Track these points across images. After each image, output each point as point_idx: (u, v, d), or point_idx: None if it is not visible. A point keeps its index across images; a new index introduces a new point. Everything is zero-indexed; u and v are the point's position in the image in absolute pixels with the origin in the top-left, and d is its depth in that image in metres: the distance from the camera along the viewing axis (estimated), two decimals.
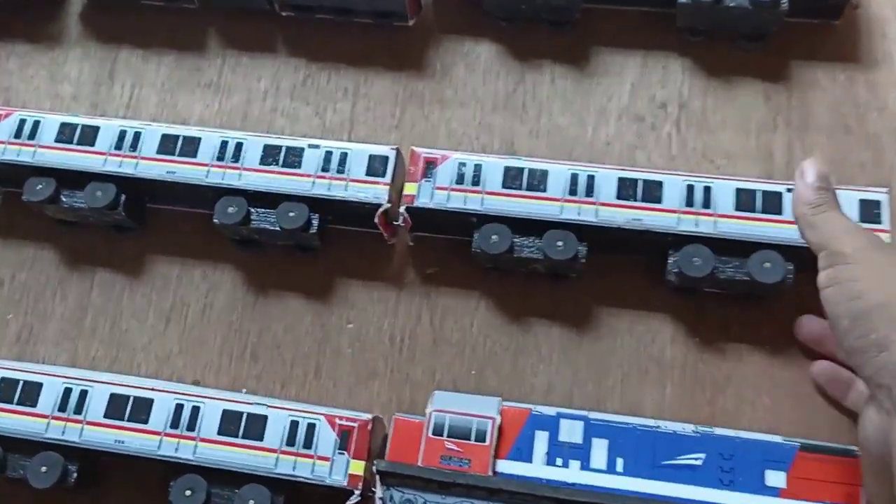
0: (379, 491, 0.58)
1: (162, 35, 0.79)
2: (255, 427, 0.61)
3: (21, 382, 0.63)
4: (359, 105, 0.76)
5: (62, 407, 0.62)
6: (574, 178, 0.64)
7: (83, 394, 0.63)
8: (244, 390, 0.67)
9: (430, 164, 0.66)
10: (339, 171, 0.67)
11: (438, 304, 0.69)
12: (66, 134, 0.70)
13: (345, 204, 0.66)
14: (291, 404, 0.62)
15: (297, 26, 0.78)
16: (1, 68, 0.80)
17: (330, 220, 0.68)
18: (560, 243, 0.63)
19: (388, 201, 0.66)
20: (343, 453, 0.60)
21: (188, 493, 0.60)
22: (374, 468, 0.59)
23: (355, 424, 0.60)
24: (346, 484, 0.59)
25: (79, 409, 0.62)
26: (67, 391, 0.63)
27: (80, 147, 0.70)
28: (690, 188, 0.63)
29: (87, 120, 0.71)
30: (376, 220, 0.66)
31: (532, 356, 0.67)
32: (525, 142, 0.73)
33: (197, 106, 0.77)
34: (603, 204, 0.64)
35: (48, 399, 0.63)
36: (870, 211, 0.61)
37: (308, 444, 0.60)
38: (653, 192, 0.63)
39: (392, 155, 0.67)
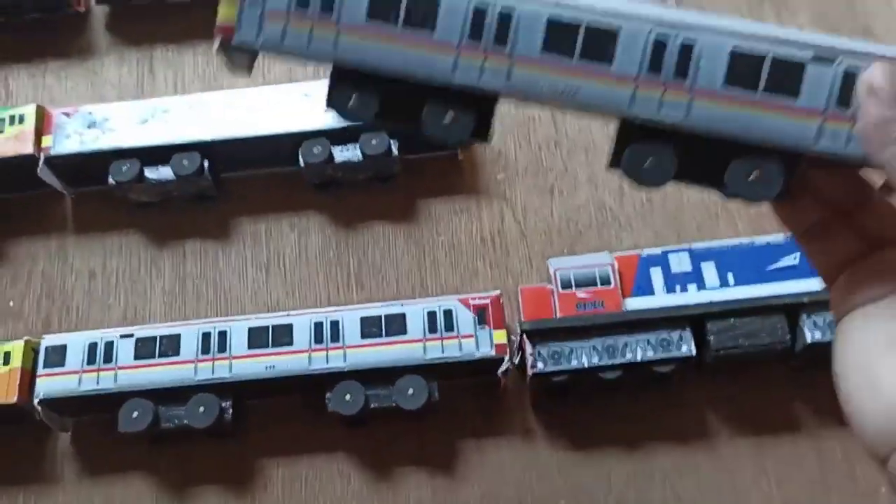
0: (529, 348, 0.63)
1: (192, 28, 0.84)
2: (396, 325, 0.65)
3: (158, 337, 0.66)
4: None
5: (205, 349, 0.65)
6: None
7: (222, 334, 0.66)
8: None
9: None
10: None
11: (518, 202, 0.75)
12: (138, 116, 0.74)
13: None
14: (423, 299, 0.66)
15: None
16: (39, 85, 0.83)
17: (401, 148, 0.73)
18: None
19: None
20: (484, 327, 0.65)
21: (348, 397, 0.64)
22: (518, 330, 0.64)
23: (488, 300, 0.65)
24: (494, 353, 0.64)
25: (222, 348, 0.65)
26: (206, 335, 0.66)
27: (156, 124, 0.73)
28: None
29: (158, 101, 0.74)
30: None
31: (613, 227, 0.73)
32: None
33: (240, 83, 0.81)
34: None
35: (189, 346, 0.65)
36: None
37: (449, 327, 0.65)
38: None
39: None
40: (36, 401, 0.64)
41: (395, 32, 0.38)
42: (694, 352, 0.62)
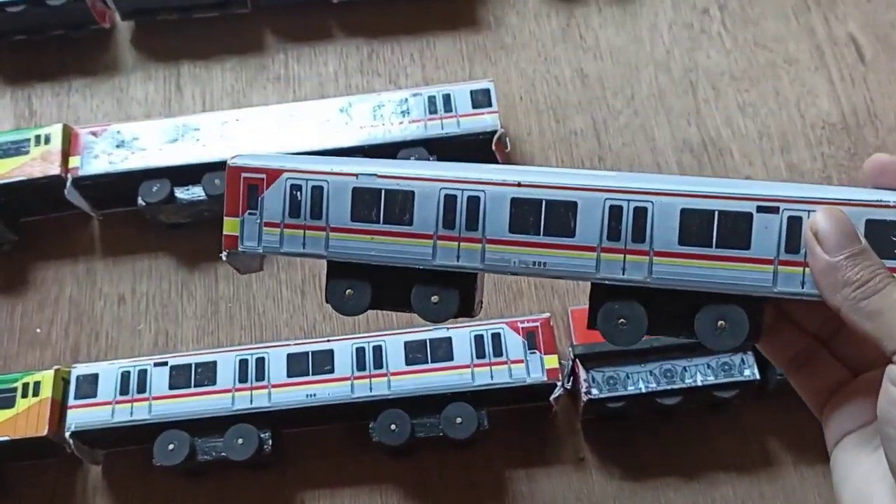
0: (583, 373, 0.60)
1: (219, 43, 0.82)
2: (442, 350, 0.62)
3: (193, 365, 0.63)
4: (428, 66, 0.80)
5: (242, 378, 0.62)
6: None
7: (260, 361, 0.63)
8: None
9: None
10: (447, 111, 0.70)
11: None
12: (168, 134, 0.71)
13: (461, 139, 0.69)
14: (469, 323, 0.63)
15: (348, 10, 0.82)
16: (64, 104, 0.80)
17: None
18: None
19: (501, 127, 0.69)
20: (534, 352, 0.62)
21: (393, 427, 0.61)
22: (570, 355, 0.61)
23: (537, 324, 0.63)
24: (546, 379, 0.61)
25: (260, 376, 0.62)
26: (243, 363, 0.63)
27: (186, 143, 0.71)
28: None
29: (188, 119, 0.72)
30: (493, 146, 0.70)
31: None
32: (593, 65, 0.78)
33: (272, 99, 0.79)
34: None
35: (226, 374, 0.63)
36: None
37: (498, 352, 0.62)
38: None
39: (492, 86, 0.71)
40: (67, 433, 0.61)
41: (378, 228, 0.42)
42: (758, 376, 0.59)
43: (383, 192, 0.42)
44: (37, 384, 0.62)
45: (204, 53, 0.82)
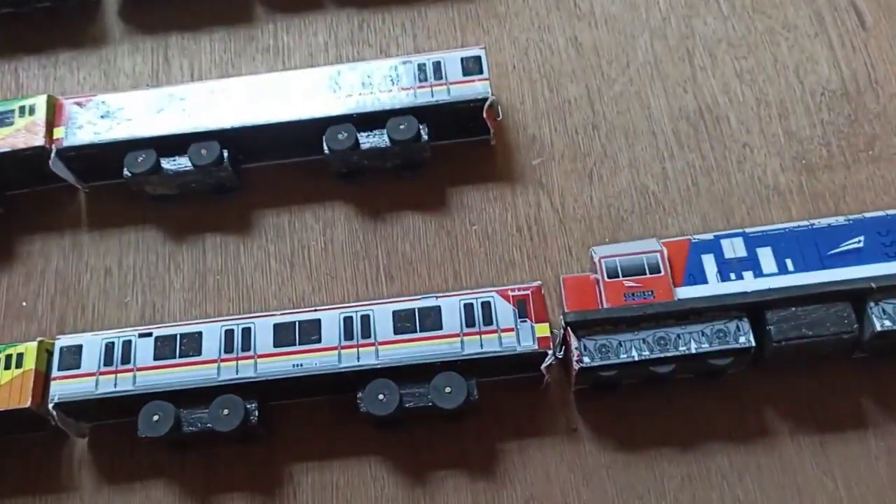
0: (574, 342, 0.59)
1: (207, 14, 0.80)
2: (431, 319, 0.61)
3: (178, 336, 0.62)
4: (419, 36, 0.78)
5: (228, 348, 0.61)
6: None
7: (246, 332, 0.62)
8: None
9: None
10: (437, 78, 0.69)
11: (555, 189, 0.71)
12: (154, 104, 0.70)
13: (450, 106, 0.68)
14: (458, 292, 0.62)
15: None
16: (51, 77, 0.79)
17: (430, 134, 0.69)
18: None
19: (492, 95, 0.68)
20: (525, 321, 0.60)
21: (381, 397, 0.60)
22: (562, 323, 0.60)
23: (528, 292, 0.61)
24: (537, 347, 0.59)
25: (246, 346, 0.61)
26: (229, 333, 0.62)
27: (172, 113, 0.69)
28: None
29: (174, 89, 0.71)
30: (484, 114, 0.68)
31: (657, 212, 0.69)
32: (588, 33, 0.76)
33: (261, 70, 0.78)
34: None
35: (211, 345, 0.61)
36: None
37: (488, 321, 0.61)
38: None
39: (483, 53, 0.69)
40: (51, 405, 0.60)
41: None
42: (753, 343, 0.58)
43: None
44: (20, 356, 0.61)
45: (192, 24, 0.80)
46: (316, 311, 0.62)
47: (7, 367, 0.61)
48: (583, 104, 0.74)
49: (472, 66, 0.69)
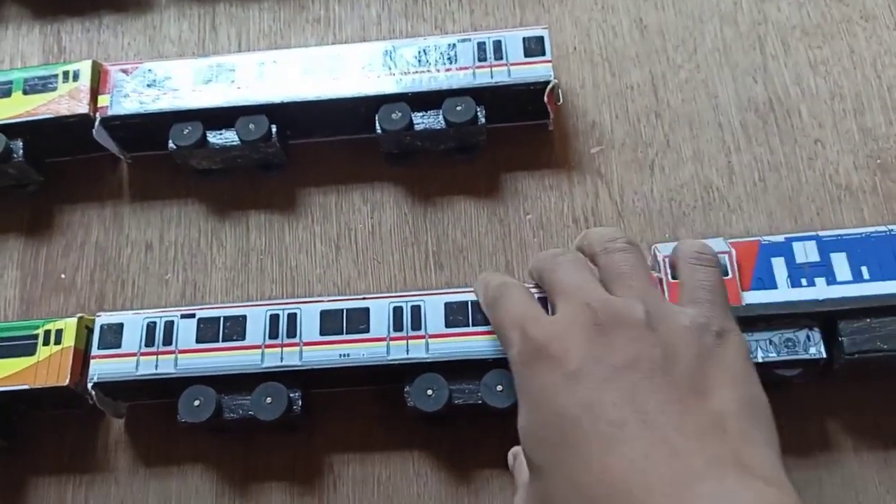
0: None
1: None
2: (484, 314, 0.58)
3: (222, 319, 0.60)
4: (476, 12, 0.75)
5: (273, 334, 0.59)
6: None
7: (292, 317, 0.60)
8: None
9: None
10: (497, 59, 0.66)
11: (614, 179, 0.68)
12: (202, 75, 0.67)
13: (509, 89, 0.65)
14: None
15: None
16: (94, 41, 0.77)
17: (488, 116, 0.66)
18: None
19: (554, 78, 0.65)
20: None
21: (430, 392, 0.57)
22: None
23: None
24: None
25: (291, 332, 0.59)
26: (274, 318, 0.60)
27: (220, 84, 0.67)
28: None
29: (222, 59, 0.68)
30: (545, 98, 0.65)
31: (721, 209, 0.66)
32: (654, 15, 0.73)
33: (310, 41, 0.75)
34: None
35: (256, 330, 0.59)
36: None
37: None
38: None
39: (546, 34, 0.66)
40: (90, 384, 0.58)
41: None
42: (824, 354, 0.55)
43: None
44: (59, 332, 0.60)
45: None
46: (364, 299, 0.60)
47: (46, 342, 0.60)
48: (646, 90, 0.70)
49: (534, 47, 0.66)
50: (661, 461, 0.41)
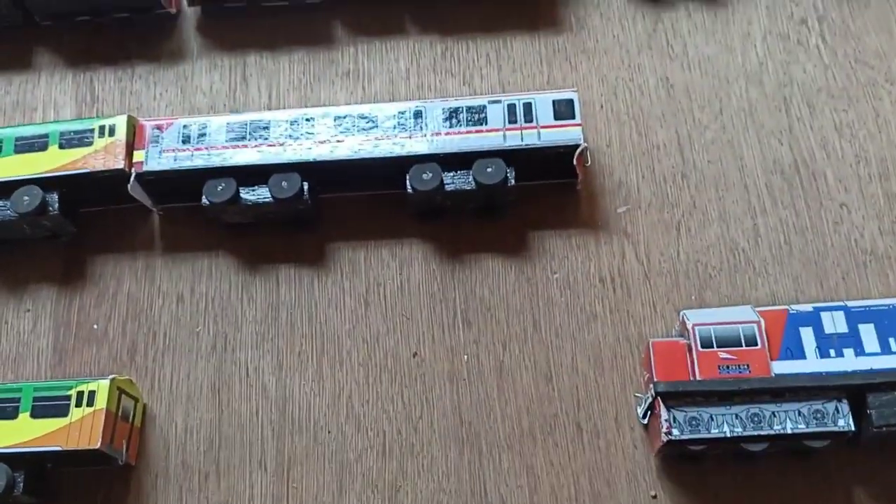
0: (664, 413, 0.57)
1: (287, 34, 0.79)
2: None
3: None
4: (504, 68, 0.76)
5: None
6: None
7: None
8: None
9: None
10: (527, 121, 0.67)
11: (640, 240, 0.68)
12: (235, 132, 0.68)
13: (540, 152, 0.66)
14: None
15: (422, 5, 0.78)
16: (127, 90, 0.78)
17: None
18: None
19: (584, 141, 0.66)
20: None
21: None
22: (651, 392, 0.58)
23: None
24: None
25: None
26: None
27: (254, 141, 0.68)
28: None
29: (255, 115, 0.69)
30: (574, 161, 0.66)
31: (747, 271, 0.67)
32: (680, 75, 0.74)
33: (340, 95, 0.76)
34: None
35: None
36: None
37: None
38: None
39: (576, 97, 0.67)
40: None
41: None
42: (853, 427, 0.56)
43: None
44: (91, 393, 0.60)
45: (271, 44, 0.79)
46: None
47: (79, 403, 0.60)
48: (672, 150, 0.71)
49: (563, 110, 0.67)
50: None
